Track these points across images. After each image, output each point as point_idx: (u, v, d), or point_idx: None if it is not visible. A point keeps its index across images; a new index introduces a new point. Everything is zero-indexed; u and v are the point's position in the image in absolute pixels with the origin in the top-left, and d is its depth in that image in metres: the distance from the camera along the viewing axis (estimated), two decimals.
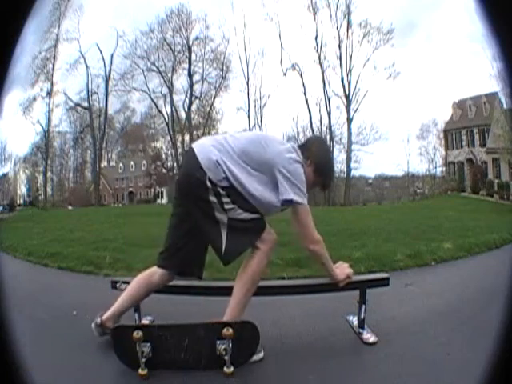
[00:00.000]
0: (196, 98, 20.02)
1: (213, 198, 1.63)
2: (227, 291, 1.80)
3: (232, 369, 1.59)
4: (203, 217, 1.67)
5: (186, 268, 1.83)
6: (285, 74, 19.32)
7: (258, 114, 19.74)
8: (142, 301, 1.94)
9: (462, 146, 16.88)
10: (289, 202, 1.66)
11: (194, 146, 1.73)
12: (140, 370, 1.58)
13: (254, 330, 1.65)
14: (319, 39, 18.89)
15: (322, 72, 18.89)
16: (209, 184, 1.62)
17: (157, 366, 1.61)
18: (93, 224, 8.50)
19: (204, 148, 1.69)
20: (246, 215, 1.66)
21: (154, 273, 1.82)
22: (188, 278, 1.89)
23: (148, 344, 1.60)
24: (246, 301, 1.71)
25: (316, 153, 1.79)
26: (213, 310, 1.76)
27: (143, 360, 1.58)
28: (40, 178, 18.96)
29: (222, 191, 1.63)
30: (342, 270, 1.84)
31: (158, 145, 21.25)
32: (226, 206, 1.64)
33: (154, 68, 19.34)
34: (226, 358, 1.59)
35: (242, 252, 1.70)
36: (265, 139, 1.73)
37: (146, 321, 2.05)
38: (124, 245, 4.93)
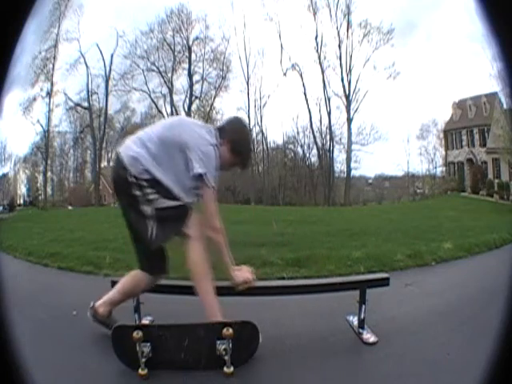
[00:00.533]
0: (196, 97, 19.93)
1: (137, 192, 1.71)
2: (227, 291, 1.80)
3: (232, 369, 1.59)
4: (132, 212, 1.75)
5: (158, 265, 1.86)
6: (285, 74, 19.20)
7: (258, 114, 19.61)
8: (131, 298, 1.97)
9: (462, 146, 16.84)
10: (199, 177, 1.71)
11: (119, 148, 1.82)
12: (140, 370, 1.58)
13: (254, 329, 1.65)
14: (319, 39, 18.76)
15: (322, 72, 18.77)
16: (131, 179, 1.70)
17: (157, 366, 1.62)
18: (93, 224, 8.50)
19: (126, 148, 1.78)
20: (170, 203, 1.72)
21: (139, 272, 1.87)
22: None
23: (148, 344, 1.61)
24: (210, 296, 1.73)
25: (231, 132, 1.84)
26: None
27: (143, 360, 1.58)
28: (40, 178, 18.89)
29: (144, 183, 1.71)
30: (242, 273, 1.82)
31: None
32: (150, 197, 1.71)
33: (154, 68, 19.28)
34: (226, 358, 1.59)
35: (168, 238, 1.76)
36: (181, 122, 1.83)
37: (146, 321, 2.06)
38: (124, 245, 4.91)
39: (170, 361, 1.64)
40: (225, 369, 1.59)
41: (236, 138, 1.84)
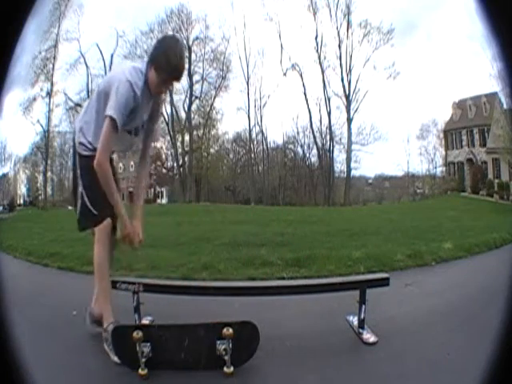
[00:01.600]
0: (196, 98, 19.93)
1: (76, 165, 1.87)
2: (227, 291, 1.80)
3: (232, 369, 1.59)
4: (73, 182, 1.93)
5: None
6: (285, 74, 19.21)
7: (258, 114, 19.62)
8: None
9: (462, 146, 16.84)
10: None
11: (78, 116, 1.97)
12: (140, 370, 1.58)
13: (254, 329, 1.65)
14: (319, 39, 18.78)
15: (322, 72, 18.79)
16: (76, 148, 1.86)
17: (157, 366, 1.61)
18: None
19: (78, 117, 1.93)
20: (86, 200, 1.82)
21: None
22: None
23: (148, 344, 1.60)
24: (105, 293, 1.83)
25: (154, 52, 1.82)
26: (213, 310, 1.76)
27: (143, 360, 1.58)
28: (40, 178, 18.89)
29: (78, 158, 1.84)
30: (134, 226, 1.86)
31: (158, 145, 21.14)
32: (79, 181, 1.84)
33: None
34: (226, 358, 1.59)
35: (85, 228, 1.91)
36: (114, 68, 1.93)
37: (146, 321, 2.05)
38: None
39: (169, 361, 1.64)
40: (225, 369, 1.59)
41: (158, 56, 1.77)
